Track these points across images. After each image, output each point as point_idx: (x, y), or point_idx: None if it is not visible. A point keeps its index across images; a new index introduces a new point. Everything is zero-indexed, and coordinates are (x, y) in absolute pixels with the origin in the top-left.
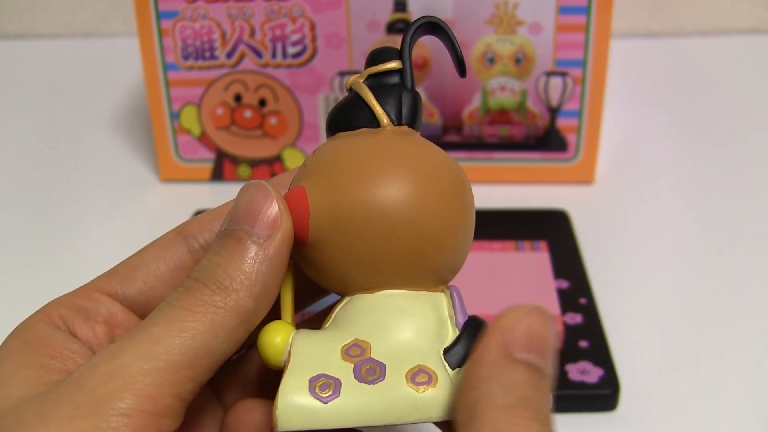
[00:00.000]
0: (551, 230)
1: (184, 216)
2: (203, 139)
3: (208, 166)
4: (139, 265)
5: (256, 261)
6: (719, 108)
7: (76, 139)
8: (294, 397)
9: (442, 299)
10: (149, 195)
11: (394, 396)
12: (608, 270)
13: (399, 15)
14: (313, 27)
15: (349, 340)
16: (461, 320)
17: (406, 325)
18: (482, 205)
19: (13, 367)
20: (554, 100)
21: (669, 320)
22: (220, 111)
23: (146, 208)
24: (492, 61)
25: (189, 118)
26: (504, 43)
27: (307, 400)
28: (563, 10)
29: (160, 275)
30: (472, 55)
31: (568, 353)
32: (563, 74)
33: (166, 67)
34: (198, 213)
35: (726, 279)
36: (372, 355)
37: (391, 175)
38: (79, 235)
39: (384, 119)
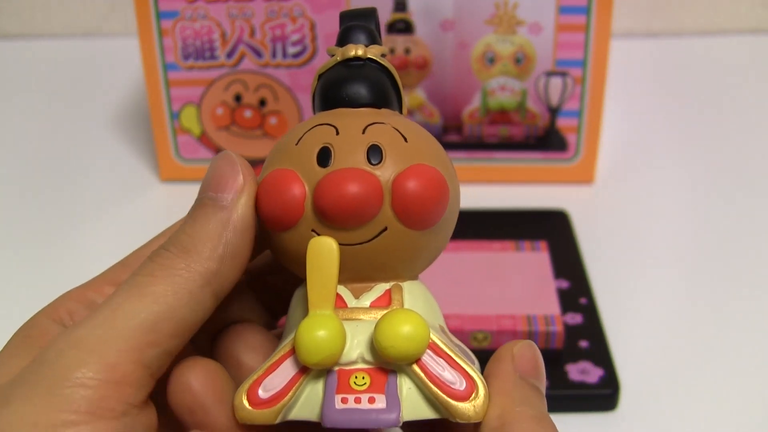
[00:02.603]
0: (551, 230)
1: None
2: (203, 139)
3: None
4: None
5: (218, 223)
6: (719, 108)
7: (76, 139)
8: None
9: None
10: (149, 195)
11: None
12: (608, 270)
13: (399, 15)
14: (313, 27)
15: None
16: None
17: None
18: (482, 205)
19: (3, 359)
20: (554, 100)
21: (669, 320)
22: (220, 111)
23: (146, 208)
24: (492, 61)
25: (189, 118)
26: (504, 43)
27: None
28: (563, 10)
29: None
30: (472, 55)
31: (568, 353)
32: (563, 74)
33: (166, 67)
34: None
35: (726, 279)
36: None
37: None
38: (79, 234)
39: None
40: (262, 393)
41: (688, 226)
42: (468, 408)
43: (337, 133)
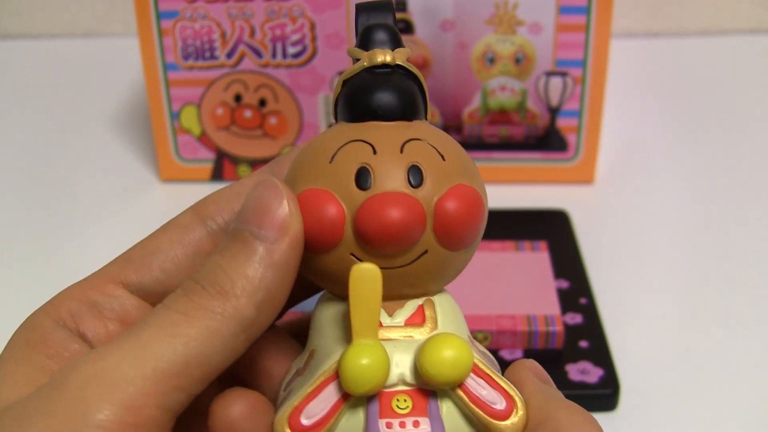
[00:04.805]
0: (551, 230)
1: None
2: (203, 139)
3: (208, 166)
4: (155, 252)
5: (261, 265)
6: (719, 108)
7: (76, 139)
8: None
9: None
10: (149, 195)
11: None
12: (608, 270)
13: (399, 15)
14: (313, 27)
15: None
16: None
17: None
18: None
19: (9, 367)
20: (554, 100)
21: (669, 320)
22: (220, 111)
23: (146, 208)
24: (492, 61)
25: (189, 118)
26: (504, 43)
27: None
28: (563, 10)
29: (179, 262)
30: (472, 55)
31: (568, 353)
32: (563, 74)
33: (166, 67)
34: None
35: (726, 279)
36: None
37: None
38: (79, 235)
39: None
40: (304, 420)
41: (689, 226)
42: (509, 426)
43: (375, 152)
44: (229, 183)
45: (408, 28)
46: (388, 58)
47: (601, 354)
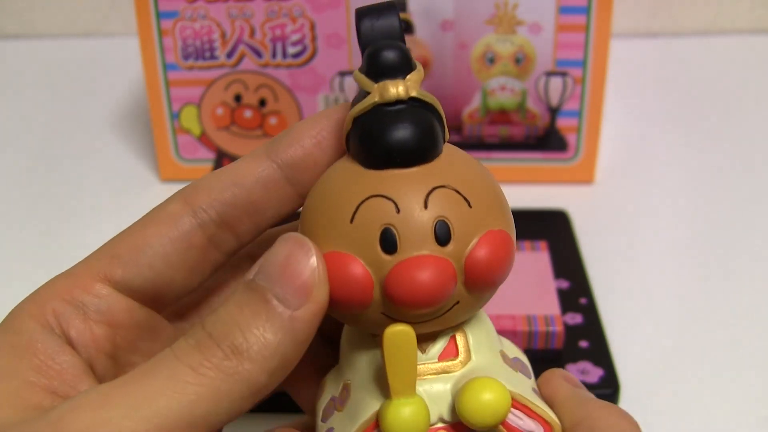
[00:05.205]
0: (551, 230)
1: None
2: (203, 139)
3: (208, 166)
4: (143, 247)
5: (280, 332)
6: (719, 108)
7: (76, 139)
8: None
9: None
10: (149, 195)
11: None
12: (608, 270)
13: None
14: (313, 27)
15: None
16: None
17: None
18: None
19: None
20: (554, 100)
21: (669, 320)
22: (220, 111)
23: (146, 208)
24: (492, 61)
25: (189, 118)
26: (504, 43)
27: None
28: (563, 10)
29: (168, 259)
30: (472, 55)
31: (568, 353)
32: (563, 74)
33: (166, 67)
34: None
35: (726, 279)
36: None
37: None
38: (78, 234)
39: None
40: None
41: (689, 226)
42: None
43: (398, 211)
44: None
45: (408, 28)
46: (401, 91)
47: (601, 354)
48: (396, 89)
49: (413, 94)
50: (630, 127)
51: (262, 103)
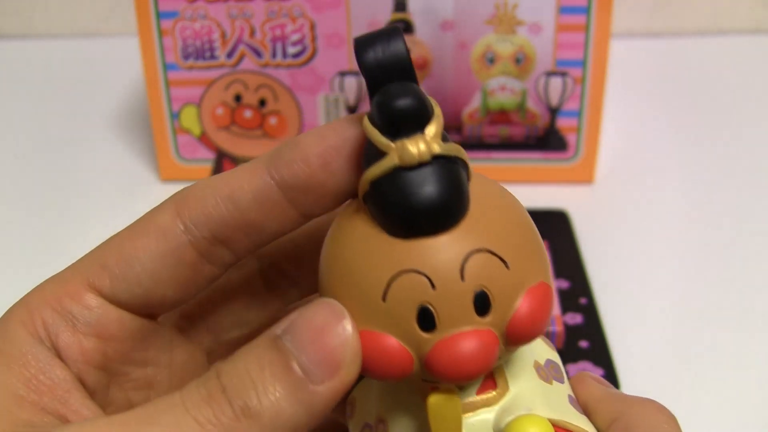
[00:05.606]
0: (551, 230)
1: None
2: (203, 139)
3: (208, 166)
4: (132, 262)
5: (296, 403)
6: (719, 108)
7: (76, 139)
8: None
9: None
10: (149, 195)
11: None
12: (608, 270)
13: (399, 15)
14: (313, 27)
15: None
16: None
17: None
18: None
19: None
20: (554, 100)
21: (669, 320)
22: (220, 111)
23: (146, 208)
24: (492, 61)
25: (189, 118)
26: (504, 43)
27: None
28: (563, 10)
29: (158, 277)
30: (472, 55)
31: (568, 353)
32: (563, 74)
33: (166, 67)
34: None
35: (726, 278)
36: None
37: None
38: (78, 234)
39: None
40: None
41: (689, 226)
42: None
43: (433, 287)
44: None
45: (408, 28)
46: (423, 151)
47: (601, 354)
48: (417, 149)
49: (437, 151)
50: (630, 127)
51: (262, 103)
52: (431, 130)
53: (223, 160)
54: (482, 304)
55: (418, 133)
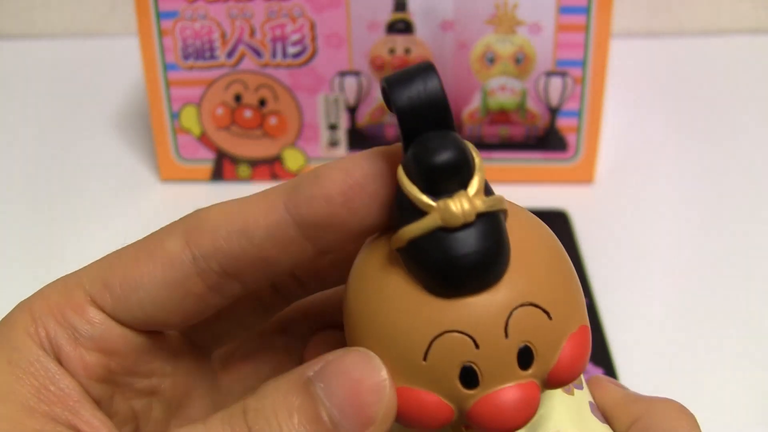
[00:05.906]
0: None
1: None
2: (203, 139)
3: (208, 166)
4: (136, 287)
5: None
6: (719, 108)
7: (76, 138)
8: None
9: None
10: (149, 195)
11: None
12: (608, 270)
13: (399, 15)
14: (313, 27)
15: None
16: None
17: None
18: None
19: None
20: (554, 100)
21: (669, 320)
22: (220, 111)
23: (146, 208)
24: (492, 61)
25: (189, 118)
26: (504, 43)
27: None
28: (563, 10)
29: (163, 305)
30: (472, 55)
31: None
32: (563, 74)
33: (166, 67)
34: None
35: (726, 278)
36: None
37: None
38: (78, 234)
39: None
40: None
41: (689, 226)
42: None
43: (477, 347)
44: (229, 183)
45: (408, 28)
46: (468, 211)
47: (601, 354)
48: (461, 210)
49: (481, 209)
50: (630, 127)
51: (262, 103)
52: (474, 185)
53: (223, 160)
54: (526, 358)
55: (460, 191)
